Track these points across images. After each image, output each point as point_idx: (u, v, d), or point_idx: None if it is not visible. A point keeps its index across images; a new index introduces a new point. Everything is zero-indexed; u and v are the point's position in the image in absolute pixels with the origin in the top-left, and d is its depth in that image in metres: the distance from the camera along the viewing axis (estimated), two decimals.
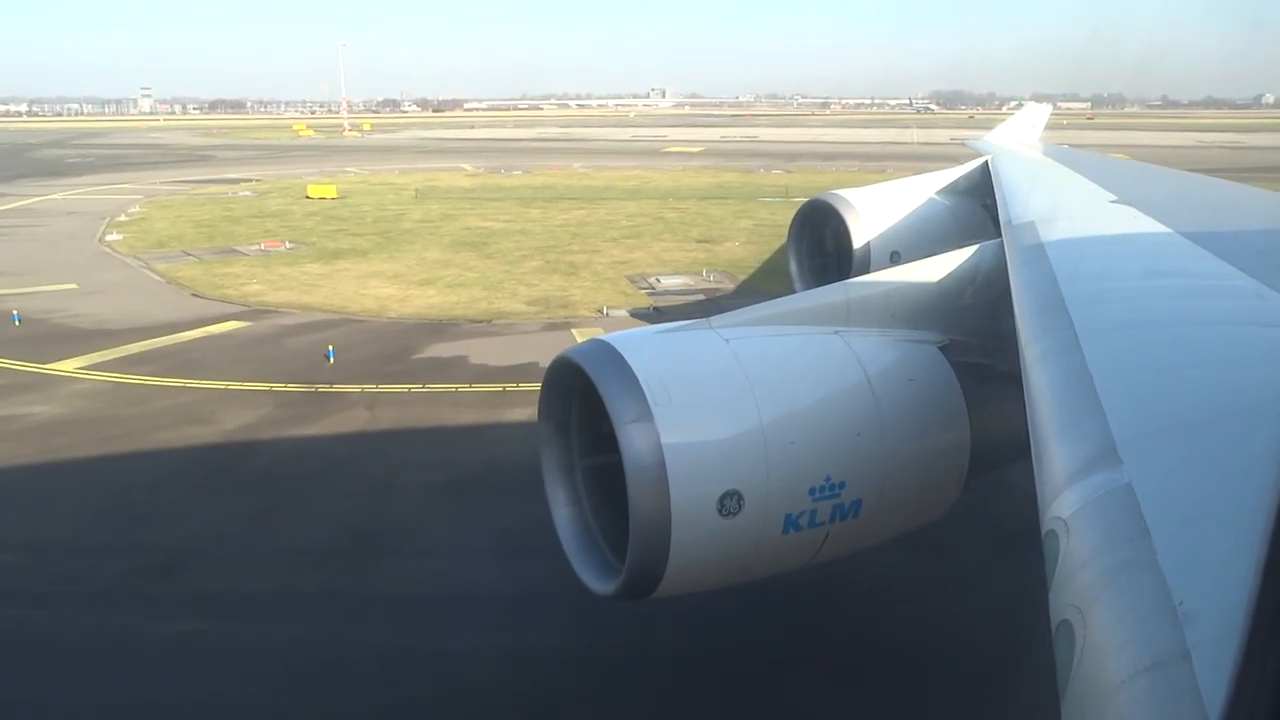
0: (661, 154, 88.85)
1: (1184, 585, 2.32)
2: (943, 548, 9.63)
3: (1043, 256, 6.55)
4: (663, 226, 39.11)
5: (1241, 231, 8.76)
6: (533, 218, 41.84)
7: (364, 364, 18.80)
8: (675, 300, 25.39)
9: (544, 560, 10.83)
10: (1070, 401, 3.79)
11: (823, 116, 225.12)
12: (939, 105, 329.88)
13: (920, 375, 6.64)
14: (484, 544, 11.29)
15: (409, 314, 23.53)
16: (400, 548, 11.30)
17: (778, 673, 8.71)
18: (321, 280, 27.61)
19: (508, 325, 22.60)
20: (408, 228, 38.69)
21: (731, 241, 35.28)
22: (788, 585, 8.23)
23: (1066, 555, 2.79)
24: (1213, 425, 3.36)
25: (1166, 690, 2.03)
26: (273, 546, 11.30)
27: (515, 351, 19.84)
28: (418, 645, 9.31)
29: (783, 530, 5.98)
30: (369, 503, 12.43)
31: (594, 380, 5.96)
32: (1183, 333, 4.59)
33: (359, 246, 33.80)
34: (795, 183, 59.01)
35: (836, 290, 7.11)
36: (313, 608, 10.08)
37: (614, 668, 9.12)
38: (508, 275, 28.53)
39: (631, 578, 5.98)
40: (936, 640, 9.12)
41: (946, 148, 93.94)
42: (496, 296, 25.60)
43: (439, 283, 27.39)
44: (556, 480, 6.97)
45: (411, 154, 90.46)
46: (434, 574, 10.75)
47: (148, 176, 63.84)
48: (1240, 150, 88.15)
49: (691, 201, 48.24)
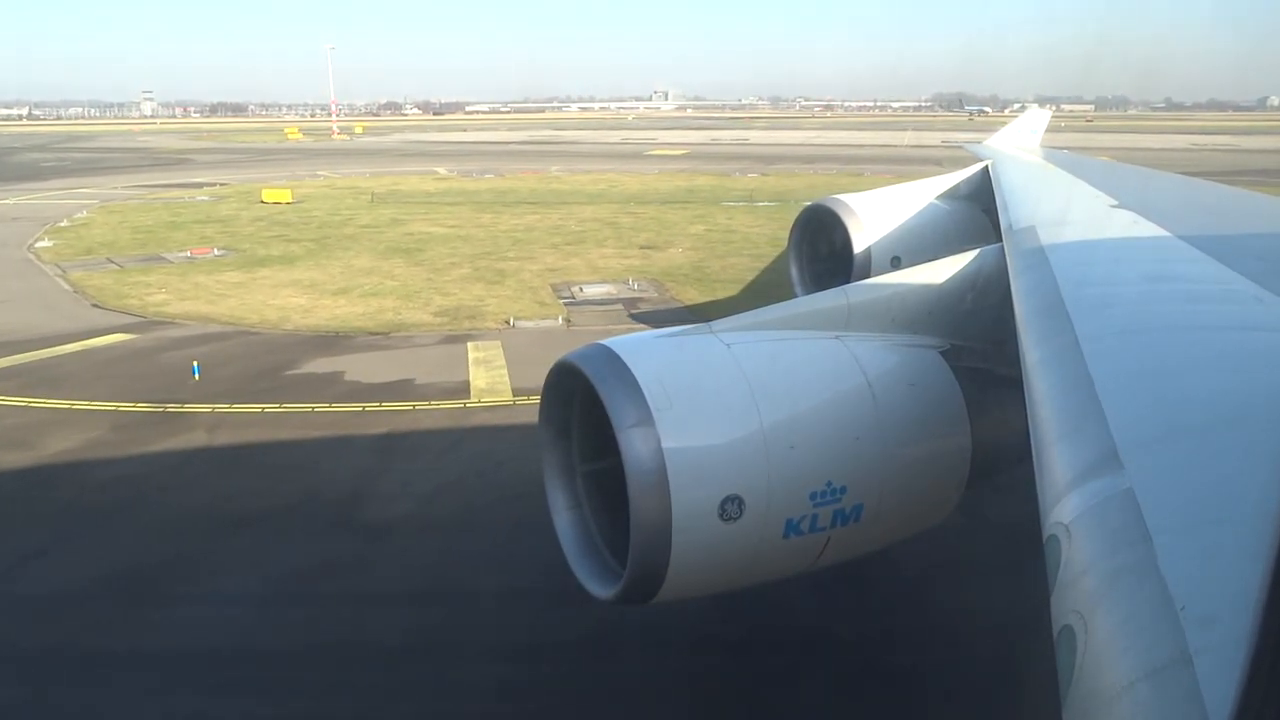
0: (643, 157, 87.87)
1: (1186, 590, 2.31)
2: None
3: (1043, 261, 6.49)
4: (611, 232, 38.14)
5: (1242, 236, 8.70)
6: (482, 223, 40.89)
7: (231, 381, 17.83)
8: (592, 310, 24.41)
9: (301, 608, 9.88)
10: (1071, 406, 3.77)
11: (819, 119, 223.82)
12: (943, 108, 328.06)
13: (921, 380, 6.60)
14: (248, 590, 10.28)
15: (307, 326, 22.58)
16: (152, 595, 10.23)
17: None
18: (234, 290, 26.68)
19: (405, 338, 21.63)
20: (350, 233, 37.78)
21: (676, 248, 34.27)
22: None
23: (1068, 560, 2.78)
24: (1214, 430, 3.36)
25: (1169, 696, 2.02)
26: (14, 594, 10.30)
27: (396, 367, 18.88)
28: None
29: (784, 535, 5.95)
30: (155, 539, 11.44)
31: (595, 385, 5.93)
32: (1183, 337, 4.58)
33: (290, 253, 32.89)
34: (766, 186, 58.07)
35: (837, 295, 7.04)
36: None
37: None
38: (429, 284, 27.57)
39: (632, 582, 5.96)
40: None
41: (933, 150, 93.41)
42: (407, 307, 24.64)
43: (354, 292, 26.45)
44: (557, 484, 6.95)
45: (392, 157, 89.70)
46: (171, 626, 9.66)
47: (114, 180, 63.16)
48: (1224, 153, 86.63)
49: (653, 206, 47.27)
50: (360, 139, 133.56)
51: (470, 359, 19.51)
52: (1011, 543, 7.92)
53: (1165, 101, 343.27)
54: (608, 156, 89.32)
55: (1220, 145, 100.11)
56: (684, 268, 30.09)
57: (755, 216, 42.81)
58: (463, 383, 17.75)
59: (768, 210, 45.40)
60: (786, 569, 6.46)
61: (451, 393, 17.15)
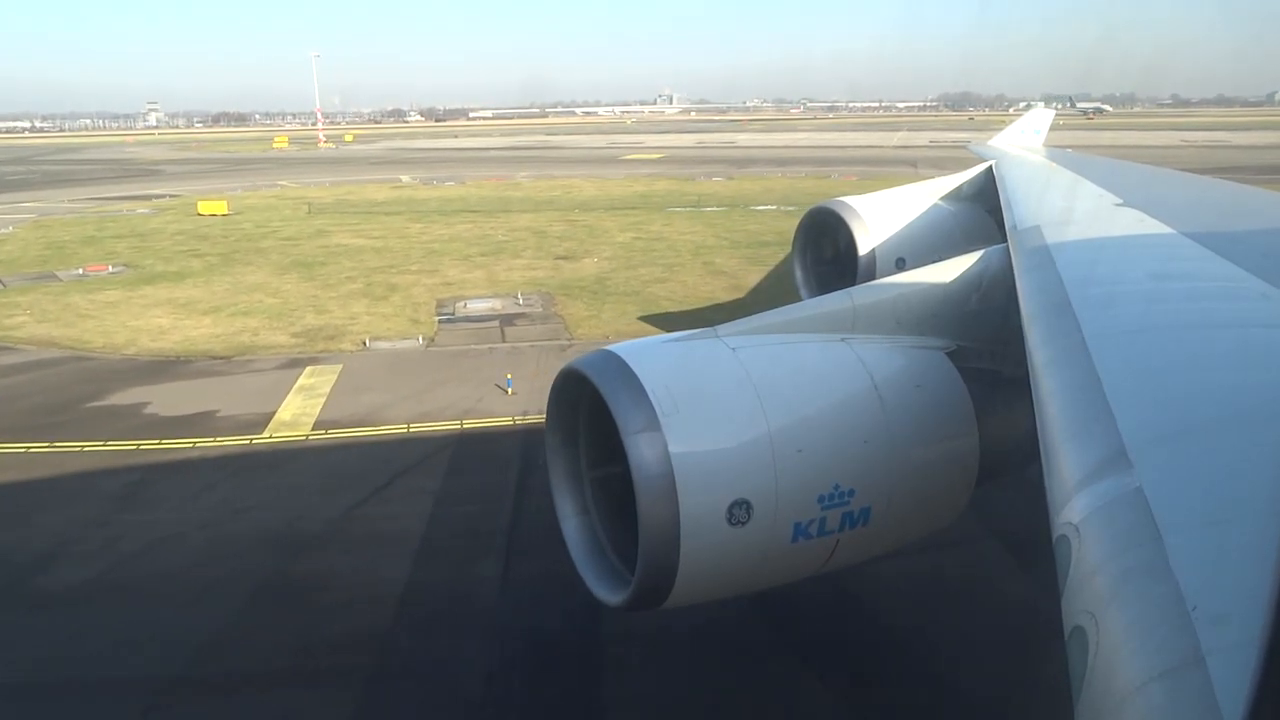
0: (618, 161, 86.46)
1: (1197, 590, 2.31)
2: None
3: (1049, 260, 6.47)
4: (536, 241, 36.81)
5: (1248, 233, 8.65)
6: (409, 234, 39.61)
7: (20, 415, 16.58)
8: (463, 329, 23.05)
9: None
10: (1079, 406, 3.75)
11: (815, 121, 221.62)
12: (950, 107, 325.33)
13: (928, 381, 6.56)
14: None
15: (151, 350, 21.30)
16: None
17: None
18: (101, 310, 25.46)
19: (245, 362, 20.32)
20: (264, 247, 36.57)
21: (593, 258, 32.89)
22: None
23: (1078, 561, 2.78)
24: (1222, 428, 3.35)
25: (1182, 696, 2.02)
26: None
27: (210, 397, 17.56)
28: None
29: (792, 539, 5.93)
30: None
31: (601, 391, 5.92)
32: (1191, 335, 4.58)
33: (187, 269, 31.69)
34: (723, 191, 56.60)
35: (842, 297, 6.99)
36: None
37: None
38: (311, 301, 26.29)
39: (641, 588, 5.93)
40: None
41: (916, 152, 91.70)
42: (271, 327, 23.35)
43: (225, 311, 25.19)
44: (564, 490, 6.91)
45: (365, 165, 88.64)
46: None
47: (68, 194, 62.23)
48: (1210, 149, 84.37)
49: (597, 213, 45.89)
50: (349, 147, 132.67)
51: (295, 386, 18.17)
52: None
53: (1172, 98, 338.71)
54: (584, 161, 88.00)
55: (1213, 142, 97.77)
56: (587, 280, 28.68)
57: (693, 223, 41.34)
58: (267, 415, 16.40)
59: (710, 215, 43.94)
60: (795, 573, 6.46)
61: (246, 427, 15.80)
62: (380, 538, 11.70)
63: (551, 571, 10.78)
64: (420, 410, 16.57)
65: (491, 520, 12.07)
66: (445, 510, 12.46)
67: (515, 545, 11.43)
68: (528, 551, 11.28)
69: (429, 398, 17.34)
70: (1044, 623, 3.46)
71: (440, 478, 13.58)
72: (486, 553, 11.20)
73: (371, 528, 12.02)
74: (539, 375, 18.65)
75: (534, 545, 11.45)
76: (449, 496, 12.92)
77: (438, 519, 12.18)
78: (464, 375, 18.79)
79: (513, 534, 11.72)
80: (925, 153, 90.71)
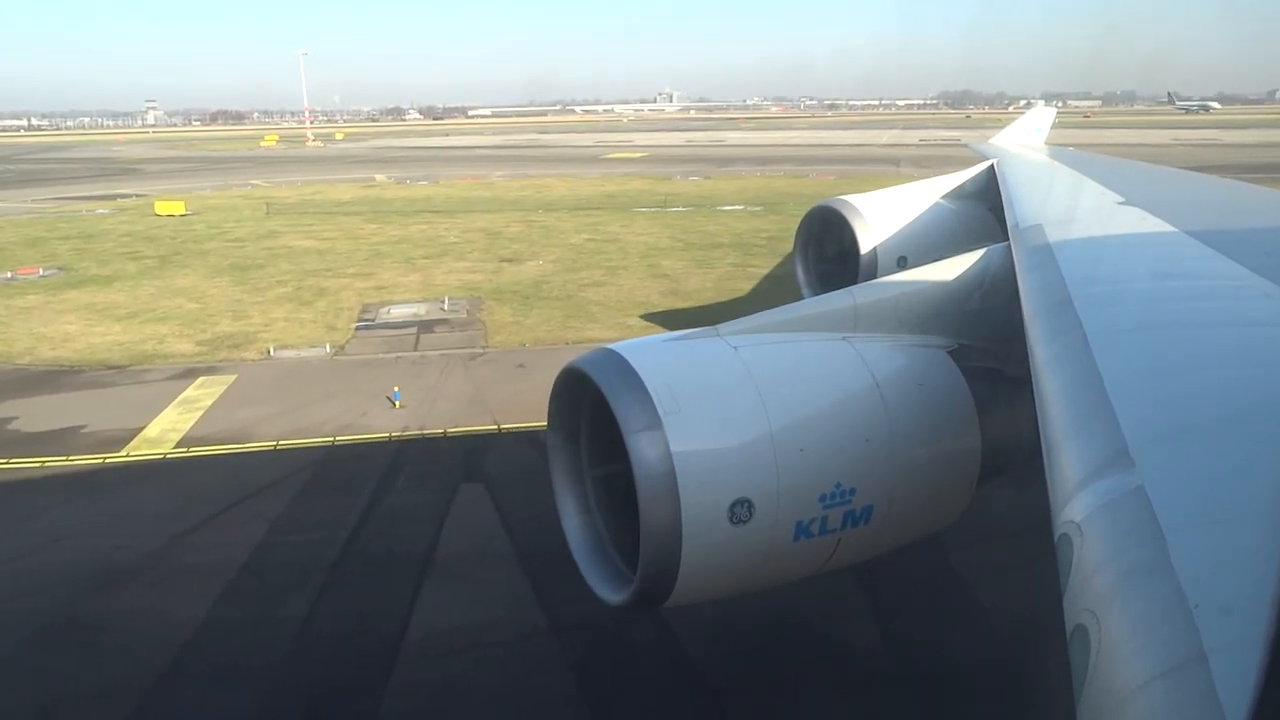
0: (599, 160, 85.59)
1: (1199, 588, 2.30)
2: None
3: (1051, 259, 6.48)
4: (488, 243, 36.04)
5: (1250, 231, 8.62)
6: (360, 235, 38.81)
7: None
8: (379, 337, 22.24)
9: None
10: (1081, 404, 3.75)
11: (810, 120, 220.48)
12: (948, 104, 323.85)
13: (929, 380, 6.57)
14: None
15: (47, 359, 20.53)
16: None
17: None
18: (15, 316, 24.70)
19: (138, 372, 19.53)
20: (208, 248, 35.80)
21: (539, 260, 32.07)
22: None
23: (1080, 559, 2.77)
24: (1225, 427, 3.35)
25: (1184, 694, 2.01)
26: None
27: (82, 412, 16.76)
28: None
29: (794, 538, 5.93)
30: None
31: (603, 389, 5.90)
32: (1193, 334, 4.57)
33: (120, 272, 30.91)
34: (695, 191, 55.73)
35: (844, 296, 6.97)
36: None
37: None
38: (232, 306, 25.50)
39: (643, 587, 5.92)
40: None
41: (904, 150, 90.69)
42: (181, 334, 22.57)
43: (140, 317, 24.41)
44: (566, 489, 6.87)
45: (344, 164, 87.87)
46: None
47: (34, 193, 61.54)
48: (1207, 147, 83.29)
49: (561, 213, 45.09)
50: (337, 145, 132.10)
51: (179, 399, 17.36)
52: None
53: (1171, 96, 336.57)
54: (565, 160, 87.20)
55: (1205, 140, 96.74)
56: (524, 284, 27.84)
57: (653, 224, 40.46)
58: (134, 431, 15.59)
59: (672, 216, 43.06)
60: (797, 572, 6.42)
61: (105, 445, 14.99)
62: (194, 570, 10.87)
63: (362, 610, 10.03)
64: (296, 426, 15.74)
65: (321, 551, 11.23)
66: (277, 538, 11.63)
67: (335, 579, 10.60)
68: (346, 586, 10.46)
69: (312, 411, 16.51)
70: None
71: (287, 501, 12.75)
72: (299, 588, 10.36)
73: (190, 559, 11.20)
74: (435, 387, 17.85)
75: (354, 579, 10.64)
76: (287, 523, 12.08)
77: (265, 548, 11.35)
78: (358, 387, 17.96)
79: (337, 567, 10.89)
80: (913, 151, 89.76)
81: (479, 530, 11.84)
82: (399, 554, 11.16)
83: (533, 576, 10.57)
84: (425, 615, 9.89)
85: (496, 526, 11.90)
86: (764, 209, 45.56)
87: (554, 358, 20.18)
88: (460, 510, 12.44)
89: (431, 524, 11.94)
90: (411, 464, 14.10)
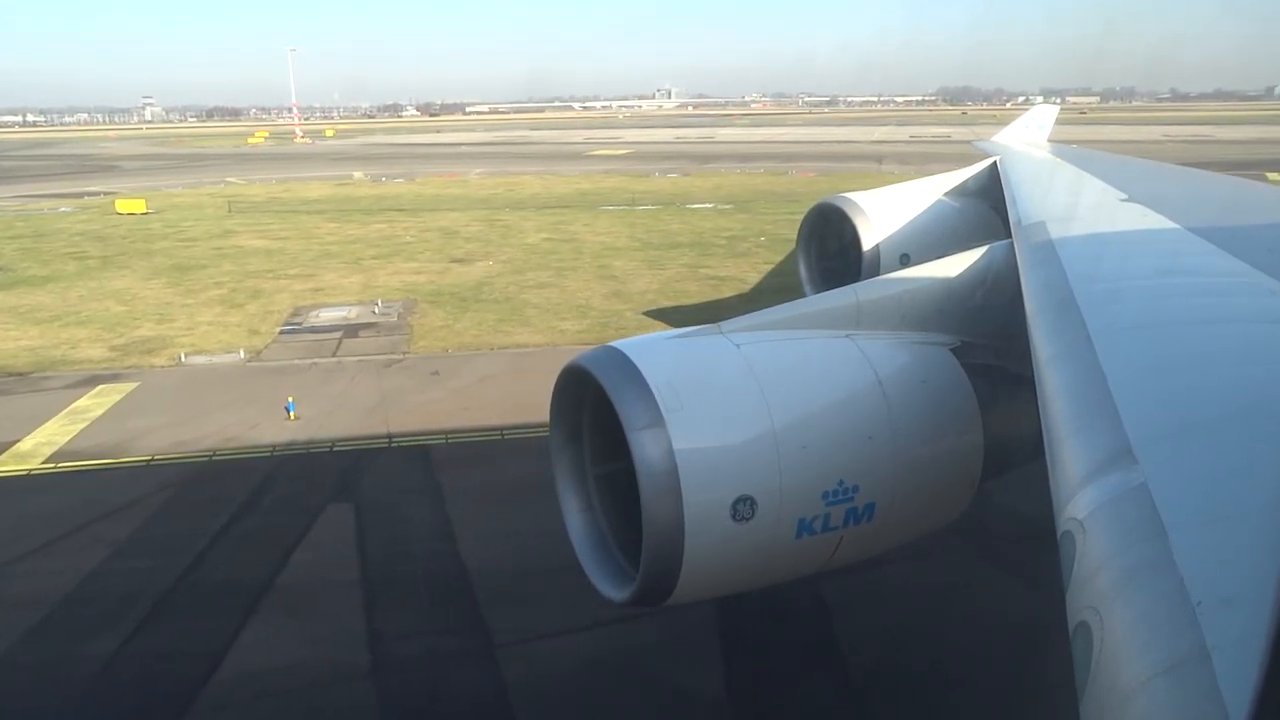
0: (582, 157, 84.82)
1: (1202, 585, 2.29)
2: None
3: (1054, 256, 6.48)
4: (443, 242, 35.35)
5: (1253, 228, 8.59)
6: (317, 234, 38.08)
7: None
8: (301, 342, 21.49)
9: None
10: (1084, 402, 3.74)
11: (803, 116, 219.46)
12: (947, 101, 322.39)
13: (932, 378, 6.55)
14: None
15: None
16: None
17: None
18: None
19: (38, 380, 18.80)
20: (156, 248, 35.08)
21: (491, 260, 31.35)
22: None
23: (1083, 556, 2.76)
24: (1227, 424, 3.32)
25: (1187, 691, 2.00)
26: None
27: None
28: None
29: (796, 535, 5.88)
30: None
31: (605, 387, 5.84)
32: (1195, 331, 4.55)
33: (59, 273, 30.19)
34: (665, 189, 54.97)
35: (847, 293, 6.97)
36: None
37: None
38: (159, 309, 24.78)
39: (646, 584, 5.88)
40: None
41: (894, 147, 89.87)
42: (97, 339, 21.86)
43: (61, 320, 23.71)
44: (569, 487, 6.83)
45: (325, 161, 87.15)
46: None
47: (2, 191, 60.80)
48: (1200, 144, 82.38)
49: (527, 211, 44.39)
50: (326, 142, 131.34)
51: (68, 409, 16.62)
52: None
53: (1171, 92, 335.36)
54: (547, 157, 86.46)
55: (1197, 137, 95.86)
56: (466, 286, 27.10)
57: (616, 222, 39.70)
58: (6, 444, 14.82)
59: (638, 215, 42.30)
60: (800, 569, 6.39)
61: None
62: (12, 602, 10.12)
63: (174, 649, 9.27)
64: (178, 439, 14.98)
65: (153, 580, 10.47)
66: (113, 565, 10.87)
67: (157, 613, 9.85)
68: (166, 621, 9.72)
69: (201, 423, 15.75)
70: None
71: (138, 523, 11.99)
72: (117, 622, 9.61)
73: (12, 588, 10.45)
74: (339, 395, 17.10)
75: (178, 613, 9.89)
76: (130, 548, 11.33)
77: (96, 577, 10.60)
78: (259, 395, 17.19)
79: (167, 597, 10.14)
80: (901, 148, 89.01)
81: (330, 556, 11.09)
82: (236, 584, 10.40)
83: (370, 609, 9.83)
84: (241, 654, 9.13)
85: (350, 552, 11.15)
86: (733, 207, 44.79)
87: (472, 364, 19.47)
88: (319, 533, 11.68)
89: (282, 550, 11.18)
90: (285, 481, 13.34)
